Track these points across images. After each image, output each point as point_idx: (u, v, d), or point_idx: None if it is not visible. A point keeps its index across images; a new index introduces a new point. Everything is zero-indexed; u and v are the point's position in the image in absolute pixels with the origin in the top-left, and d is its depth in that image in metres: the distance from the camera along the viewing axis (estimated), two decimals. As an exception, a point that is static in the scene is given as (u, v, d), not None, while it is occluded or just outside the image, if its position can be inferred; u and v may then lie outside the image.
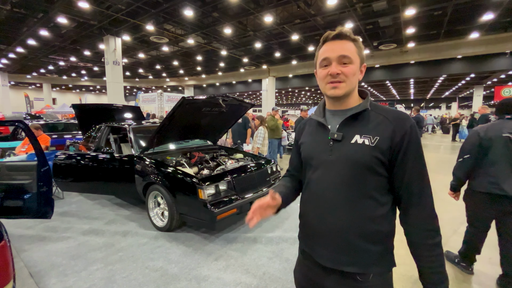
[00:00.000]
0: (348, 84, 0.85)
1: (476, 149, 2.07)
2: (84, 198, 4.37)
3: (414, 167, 0.81)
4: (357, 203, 0.83)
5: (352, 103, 0.89)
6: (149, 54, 16.41)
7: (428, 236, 0.81)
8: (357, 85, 0.89)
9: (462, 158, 2.16)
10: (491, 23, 9.90)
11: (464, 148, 2.16)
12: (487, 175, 2.03)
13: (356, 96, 0.91)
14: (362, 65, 0.88)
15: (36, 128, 4.78)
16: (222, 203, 2.79)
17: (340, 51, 0.83)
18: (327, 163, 0.88)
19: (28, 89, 30.17)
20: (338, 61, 0.84)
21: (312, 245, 0.94)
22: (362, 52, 0.87)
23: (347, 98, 0.88)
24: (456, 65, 14.36)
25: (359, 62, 0.86)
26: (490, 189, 2.01)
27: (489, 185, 2.01)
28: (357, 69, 0.85)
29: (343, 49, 0.83)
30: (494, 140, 2.00)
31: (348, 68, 0.83)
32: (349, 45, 0.84)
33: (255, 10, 9.15)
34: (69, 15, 9.80)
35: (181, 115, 3.22)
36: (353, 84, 0.86)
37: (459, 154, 2.21)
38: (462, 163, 2.16)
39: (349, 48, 0.84)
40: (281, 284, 2.20)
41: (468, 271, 2.36)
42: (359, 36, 11.38)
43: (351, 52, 0.84)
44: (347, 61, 0.83)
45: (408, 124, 0.81)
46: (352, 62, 0.84)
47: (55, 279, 2.26)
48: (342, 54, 0.83)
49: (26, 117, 11.80)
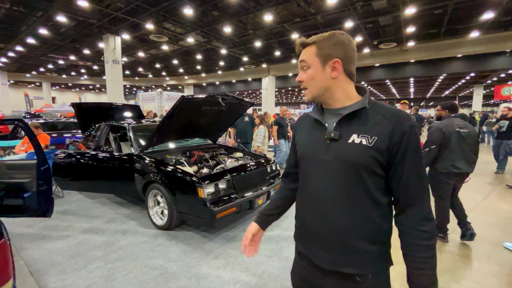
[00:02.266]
0: (310, 90, 0.88)
1: (441, 141, 2.67)
2: (84, 197, 4.38)
3: (412, 168, 0.79)
4: (355, 203, 0.82)
5: (346, 101, 0.86)
6: (149, 53, 16.38)
7: (423, 237, 0.79)
8: (340, 83, 0.85)
9: (429, 148, 2.72)
10: (491, 22, 9.89)
11: (431, 140, 2.72)
12: (448, 160, 2.68)
13: (347, 93, 0.87)
14: (331, 61, 0.83)
15: (36, 127, 4.78)
16: (222, 202, 2.80)
17: (300, 56, 0.89)
18: (324, 163, 0.86)
19: (27, 88, 30.09)
20: (301, 67, 0.89)
21: (309, 246, 0.92)
22: (327, 49, 0.83)
23: (330, 98, 0.87)
24: (456, 64, 14.34)
25: (319, 62, 0.84)
26: (450, 169, 2.67)
27: (450, 166, 2.68)
28: (315, 71, 0.85)
29: (301, 55, 0.88)
30: (452, 134, 2.66)
31: (306, 74, 0.88)
32: (307, 50, 0.87)
33: (255, 9, 9.13)
34: (69, 13, 9.77)
35: (181, 114, 3.22)
36: (316, 87, 0.87)
37: (424, 145, 2.73)
38: (429, 152, 2.72)
39: (305, 53, 0.87)
40: (280, 282, 2.21)
41: (445, 240, 2.90)
42: (359, 35, 11.39)
43: (307, 56, 0.87)
44: (305, 66, 0.88)
45: (407, 123, 0.79)
46: (309, 65, 0.86)
47: (55, 277, 2.27)
48: (300, 59, 0.88)
49: (26, 116, 11.78)
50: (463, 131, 2.65)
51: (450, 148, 2.66)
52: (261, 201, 3.25)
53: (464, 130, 2.66)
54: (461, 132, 2.65)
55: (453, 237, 2.97)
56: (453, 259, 2.61)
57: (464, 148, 2.64)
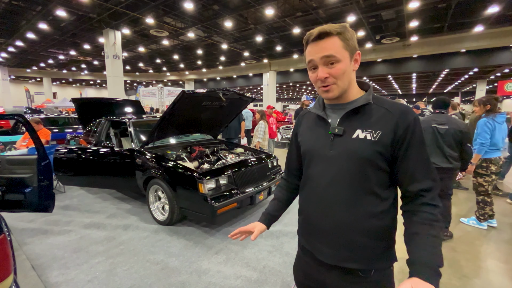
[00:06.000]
0: (339, 85, 0.81)
1: None
2: (85, 192, 4.39)
3: (418, 159, 0.79)
4: (359, 199, 0.82)
5: (352, 96, 0.86)
6: (149, 48, 16.29)
7: (429, 218, 0.77)
8: (354, 78, 0.85)
9: None
10: (496, 16, 9.73)
11: None
12: None
13: (355, 88, 0.87)
14: (355, 53, 0.82)
15: (37, 122, 4.78)
16: (223, 197, 2.79)
17: (323, 51, 0.78)
18: (327, 159, 0.86)
19: (28, 83, 30.09)
20: (324, 62, 0.79)
21: (312, 241, 0.92)
22: (351, 41, 0.80)
23: (345, 93, 0.85)
24: (460, 59, 14.18)
25: (348, 55, 0.80)
26: None
27: None
28: (346, 65, 0.80)
29: (326, 49, 0.78)
30: (427, 129, 2.73)
31: (335, 69, 0.79)
32: (333, 42, 0.78)
33: (256, 3, 9.02)
34: (68, 7, 9.70)
35: (181, 109, 3.20)
36: (345, 82, 0.82)
37: None
38: None
39: (332, 45, 0.78)
40: (281, 278, 2.22)
41: (447, 236, 2.89)
42: (361, 29, 11.26)
43: (336, 49, 0.78)
44: (333, 60, 0.78)
45: (411, 117, 0.79)
46: (339, 60, 0.78)
47: (57, 271, 2.29)
48: (326, 55, 0.78)
49: (27, 111, 11.80)
50: (441, 127, 2.70)
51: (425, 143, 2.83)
52: (262, 196, 3.24)
53: (443, 127, 2.70)
54: (439, 128, 2.71)
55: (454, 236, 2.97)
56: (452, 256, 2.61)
57: (440, 144, 2.69)
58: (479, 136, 2.99)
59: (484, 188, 3.07)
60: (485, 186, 3.06)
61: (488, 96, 3.17)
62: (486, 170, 3.04)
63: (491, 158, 3.02)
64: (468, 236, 2.98)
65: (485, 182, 3.06)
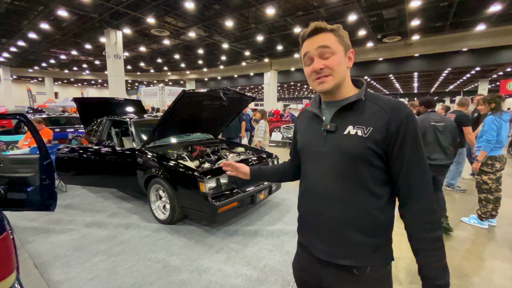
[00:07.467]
0: (335, 76, 0.82)
1: None
2: (87, 191, 4.42)
3: (411, 159, 0.78)
4: (352, 195, 0.82)
5: (346, 93, 0.87)
6: (150, 48, 16.31)
7: (428, 229, 0.78)
8: (348, 74, 0.87)
9: None
10: (498, 15, 9.67)
11: None
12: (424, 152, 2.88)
13: (349, 85, 0.88)
14: (349, 51, 0.85)
15: (39, 121, 4.80)
16: (223, 196, 2.81)
17: (319, 43, 0.81)
18: (321, 155, 0.87)
19: (30, 83, 30.20)
20: (320, 54, 0.81)
21: (308, 237, 0.93)
22: (344, 39, 0.83)
23: (338, 89, 0.85)
24: (462, 58, 14.10)
25: (342, 50, 0.82)
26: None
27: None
28: (341, 58, 0.82)
29: (321, 41, 0.81)
30: (427, 128, 2.79)
31: (330, 60, 0.80)
32: (328, 36, 0.81)
33: (257, 2, 9.02)
34: (70, 7, 9.73)
35: (182, 108, 3.21)
36: (341, 74, 0.83)
37: None
38: None
39: (328, 39, 0.81)
40: (282, 276, 2.23)
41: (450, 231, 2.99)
42: (363, 28, 11.23)
43: (331, 42, 0.80)
44: (328, 53, 0.80)
45: (404, 113, 0.78)
46: (334, 52, 0.80)
47: (59, 270, 2.30)
48: (321, 45, 0.80)
49: (29, 111, 11.84)
50: (439, 125, 2.79)
51: (426, 141, 2.81)
52: (263, 195, 3.25)
53: (440, 124, 2.79)
54: (437, 126, 2.79)
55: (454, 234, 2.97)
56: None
57: (441, 141, 2.78)
58: (486, 133, 2.96)
59: (487, 186, 3.06)
60: (488, 184, 3.05)
61: (492, 95, 3.16)
62: (492, 168, 3.02)
63: (496, 155, 3.01)
64: (469, 235, 2.98)
65: (489, 180, 3.05)
